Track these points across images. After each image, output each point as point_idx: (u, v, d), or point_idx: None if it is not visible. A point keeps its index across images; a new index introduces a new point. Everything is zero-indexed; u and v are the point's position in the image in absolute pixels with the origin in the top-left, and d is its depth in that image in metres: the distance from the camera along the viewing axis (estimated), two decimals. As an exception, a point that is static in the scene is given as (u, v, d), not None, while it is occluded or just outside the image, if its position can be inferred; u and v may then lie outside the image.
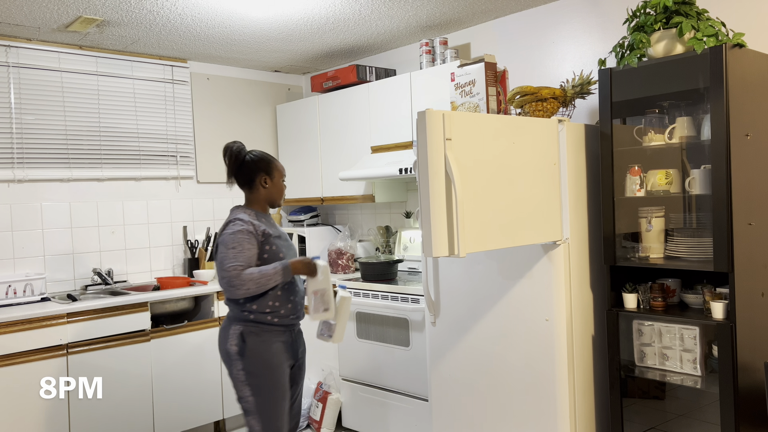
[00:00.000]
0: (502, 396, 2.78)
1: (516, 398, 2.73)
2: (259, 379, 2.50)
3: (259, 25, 3.64)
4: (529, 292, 2.66)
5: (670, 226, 2.65)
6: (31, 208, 3.77)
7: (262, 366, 2.50)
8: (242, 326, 2.52)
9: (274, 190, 2.66)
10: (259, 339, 2.52)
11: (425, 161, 2.13)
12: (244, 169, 2.62)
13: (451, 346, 2.97)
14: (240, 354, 2.50)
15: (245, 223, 2.50)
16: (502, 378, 2.77)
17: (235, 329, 2.52)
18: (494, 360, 2.80)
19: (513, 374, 2.73)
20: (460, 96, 3.03)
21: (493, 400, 2.81)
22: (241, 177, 2.64)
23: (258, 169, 2.62)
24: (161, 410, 3.62)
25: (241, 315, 2.53)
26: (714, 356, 2.44)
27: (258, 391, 2.49)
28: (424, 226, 2.15)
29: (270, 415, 2.51)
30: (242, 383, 2.50)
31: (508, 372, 2.75)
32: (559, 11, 3.43)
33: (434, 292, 3.01)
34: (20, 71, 3.73)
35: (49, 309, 3.28)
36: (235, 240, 2.44)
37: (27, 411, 3.15)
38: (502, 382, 2.78)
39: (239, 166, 2.62)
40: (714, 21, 2.43)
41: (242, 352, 2.49)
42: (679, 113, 2.58)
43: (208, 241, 4.34)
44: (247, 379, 2.49)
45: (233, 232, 2.46)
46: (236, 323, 2.54)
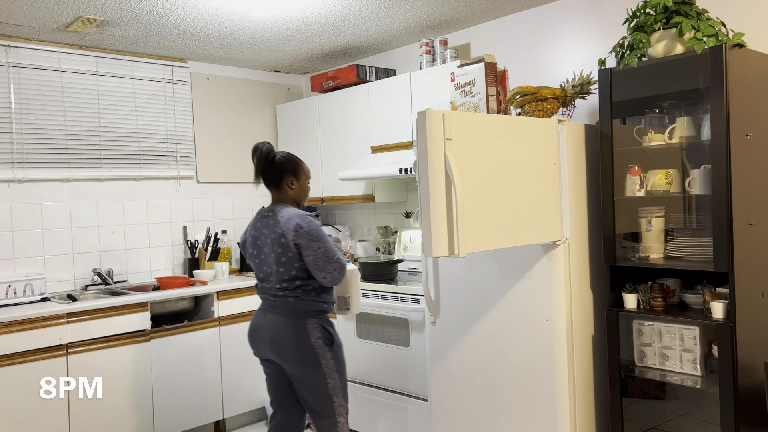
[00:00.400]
0: (502, 395, 2.78)
1: (516, 398, 2.73)
2: (341, 359, 2.73)
3: (259, 25, 3.64)
4: (529, 292, 2.66)
5: (670, 226, 2.65)
6: (31, 208, 3.77)
7: (340, 347, 2.74)
8: (319, 318, 2.66)
9: (300, 191, 2.75)
10: (333, 325, 2.72)
11: (425, 161, 2.13)
12: (272, 170, 2.70)
13: (451, 346, 2.97)
14: (328, 344, 2.65)
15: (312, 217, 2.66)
16: (502, 377, 2.77)
17: (314, 323, 2.64)
18: (494, 360, 2.80)
19: (513, 374, 2.73)
20: (460, 96, 3.03)
21: (493, 400, 2.81)
22: (268, 177, 2.71)
23: (285, 170, 2.70)
24: (161, 410, 3.62)
25: (316, 307, 2.65)
26: (714, 356, 2.44)
27: (342, 371, 2.73)
28: (424, 226, 2.15)
29: (346, 386, 2.77)
30: (332, 370, 2.66)
31: (508, 372, 2.75)
32: (559, 11, 3.43)
33: (434, 292, 3.01)
34: (20, 71, 3.73)
35: (49, 309, 3.28)
36: (324, 234, 2.61)
37: (27, 411, 3.15)
38: (502, 381, 2.78)
39: (268, 166, 2.69)
40: (714, 21, 2.43)
41: (329, 342, 2.66)
42: (679, 113, 2.58)
43: (208, 241, 4.34)
44: (336, 364, 2.68)
45: (318, 226, 2.62)
46: (311, 316, 2.64)
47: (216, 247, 4.35)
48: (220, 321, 3.89)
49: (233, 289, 3.94)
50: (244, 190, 4.73)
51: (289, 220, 2.60)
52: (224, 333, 3.90)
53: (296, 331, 2.61)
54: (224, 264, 4.22)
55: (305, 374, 2.64)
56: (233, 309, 3.94)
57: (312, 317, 2.63)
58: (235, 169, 4.66)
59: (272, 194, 2.76)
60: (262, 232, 2.69)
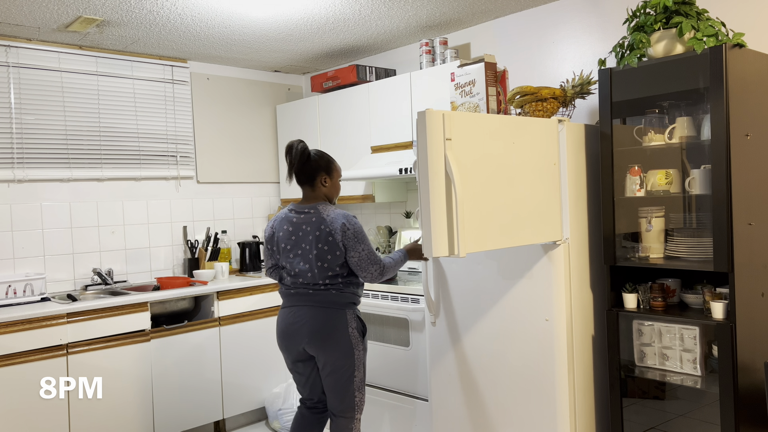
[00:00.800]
0: (502, 395, 2.78)
1: (516, 398, 2.73)
2: (366, 352, 2.79)
3: (259, 25, 3.64)
4: (529, 292, 2.66)
5: (670, 226, 2.65)
6: (31, 208, 3.77)
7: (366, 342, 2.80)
8: (353, 310, 2.75)
9: (332, 189, 2.81)
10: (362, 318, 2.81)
11: (425, 161, 2.13)
12: (306, 168, 2.73)
13: (452, 347, 2.97)
14: (362, 334, 2.75)
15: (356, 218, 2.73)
16: (503, 377, 2.77)
17: (350, 313, 2.72)
18: (494, 359, 2.80)
19: (513, 374, 2.73)
20: (460, 96, 3.03)
21: (493, 400, 2.82)
22: (303, 175, 2.75)
23: (319, 167, 2.75)
24: (161, 410, 3.62)
25: (352, 299, 2.75)
26: (714, 356, 2.44)
27: (365, 367, 2.78)
28: (424, 226, 2.15)
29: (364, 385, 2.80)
30: (361, 362, 2.73)
31: (509, 371, 2.75)
32: (559, 11, 3.43)
33: (434, 292, 3.01)
34: (20, 71, 3.73)
35: (49, 309, 3.28)
36: (364, 236, 2.69)
37: (27, 411, 3.15)
38: (502, 381, 2.78)
39: (302, 164, 2.72)
40: (714, 21, 2.43)
41: (363, 332, 2.75)
42: (679, 113, 2.58)
43: (208, 241, 4.34)
44: (364, 358, 2.75)
45: (361, 227, 2.70)
46: (346, 308, 2.72)
47: (216, 247, 4.35)
48: (220, 321, 3.89)
49: (233, 289, 3.94)
50: (244, 190, 4.73)
51: (335, 219, 2.66)
52: (224, 333, 3.90)
53: (337, 320, 2.69)
54: (224, 264, 4.22)
55: (339, 364, 2.69)
56: (233, 309, 3.94)
57: (348, 308, 2.73)
58: (235, 169, 4.66)
59: (305, 192, 2.80)
60: (301, 227, 2.72)
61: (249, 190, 4.76)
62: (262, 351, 4.05)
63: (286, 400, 3.91)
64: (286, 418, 3.87)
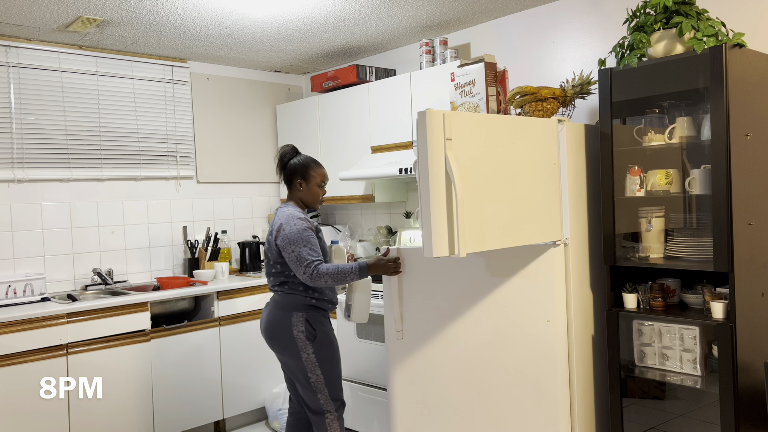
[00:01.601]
0: (501, 395, 2.78)
1: (515, 398, 2.73)
2: (327, 356, 2.80)
3: (259, 25, 3.64)
4: (528, 294, 2.65)
5: (670, 226, 2.65)
6: (31, 208, 3.77)
7: (329, 345, 2.82)
8: (305, 313, 2.77)
9: (307, 194, 2.90)
10: (322, 323, 2.82)
11: (425, 161, 2.13)
12: (286, 171, 2.93)
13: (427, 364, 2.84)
14: (309, 339, 2.75)
15: (304, 220, 2.76)
16: (501, 377, 2.77)
17: (299, 316, 2.75)
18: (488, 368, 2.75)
19: (509, 379, 2.71)
20: (460, 96, 3.04)
21: (492, 400, 2.81)
22: (284, 177, 2.95)
23: (295, 172, 2.90)
24: (161, 410, 3.62)
25: (303, 302, 2.78)
26: (714, 356, 2.44)
27: (327, 368, 2.79)
28: (424, 226, 2.15)
29: (336, 384, 2.84)
30: (313, 364, 2.76)
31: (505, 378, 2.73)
32: (559, 11, 3.43)
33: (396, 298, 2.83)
34: (20, 71, 3.73)
35: (49, 309, 3.28)
36: (305, 236, 2.70)
37: (27, 411, 3.15)
38: (501, 381, 2.77)
39: (283, 167, 2.94)
40: (714, 21, 2.43)
41: (311, 336, 2.75)
42: (679, 113, 2.58)
43: (208, 241, 4.34)
44: (318, 360, 2.76)
45: (300, 229, 2.71)
46: (298, 311, 2.76)
47: (216, 247, 4.35)
48: (220, 321, 3.89)
49: (233, 289, 3.95)
50: (244, 190, 4.73)
51: (278, 220, 2.79)
52: (224, 333, 3.90)
53: (281, 323, 2.78)
54: (224, 264, 4.22)
55: (290, 365, 2.83)
56: (233, 309, 3.94)
57: (299, 311, 2.76)
58: (235, 169, 4.66)
59: (287, 193, 2.97)
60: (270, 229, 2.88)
61: (249, 190, 4.76)
62: (262, 351, 4.01)
63: (286, 400, 3.91)
64: (285, 418, 3.87)
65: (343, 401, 2.88)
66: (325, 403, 2.80)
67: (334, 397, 2.82)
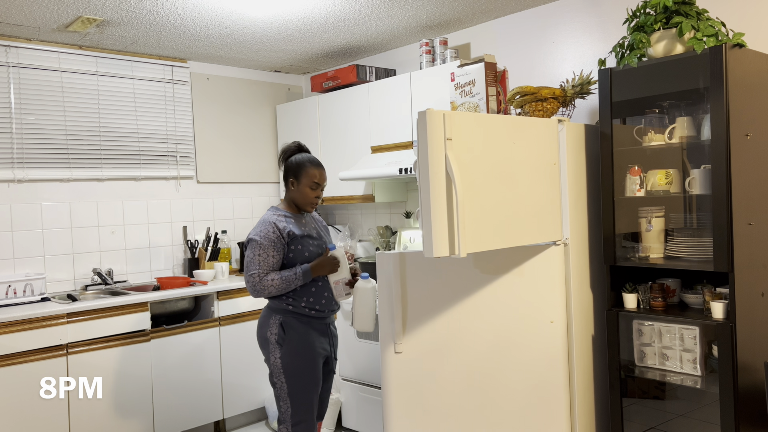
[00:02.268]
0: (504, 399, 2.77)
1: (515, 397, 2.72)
2: (295, 367, 2.68)
3: (259, 25, 3.64)
4: (531, 294, 2.65)
5: (670, 226, 2.65)
6: (31, 208, 3.77)
7: (298, 356, 2.69)
8: (282, 316, 2.70)
9: (297, 194, 2.80)
10: (297, 330, 2.70)
11: (426, 161, 2.13)
12: (283, 169, 2.87)
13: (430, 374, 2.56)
14: (278, 343, 2.68)
15: (270, 228, 2.67)
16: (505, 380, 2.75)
17: (276, 319, 2.70)
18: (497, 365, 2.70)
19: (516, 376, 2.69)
20: (460, 96, 3.04)
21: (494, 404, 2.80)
22: (283, 175, 2.88)
23: (289, 171, 2.82)
24: (161, 410, 3.62)
25: (281, 306, 2.70)
26: (714, 356, 2.44)
27: (292, 379, 2.68)
28: (424, 226, 2.15)
29: (301, 401, 2.69)
30: (278, 370, 2.69)
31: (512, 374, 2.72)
32: (559, 11, 3.43)
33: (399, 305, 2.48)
34: (20, 71, 3.73)
35: (49, 309, 3.28)
36: (261, 246, 2.65)
37: (27, 411, 3.15)
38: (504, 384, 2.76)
39: (281, 165, 2.88)
40: (714, 21, 2.43)
41: (281, 341, 2.68)
42: (679, 113, 2.58)
43: (208, 241, 4.34)
44: (283, 367, 2.68)
45: (260, 237, 2.66)
46: (276, 313, 2.71)
47: (216, 247, 4.35)
48: (220, 321, 3.89)
49: (233, 289, 3.94)
50: (244, 190, 4.73)
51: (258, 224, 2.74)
52: (224, 333, 3.90)
53: (262, 323, 2.76)
54: (224, 264, 4.22)
55: (266, 362, 2.76)
56: (233, 309, 3.94)
57: (277, 314, 2.72)
58: (235, 169, 4.66)
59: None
60: None
61: (249, 190, 4.76)
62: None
63: (286, 400, 3.91)
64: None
65: (307, 424, 2.70)
66: (284, 414, 2.70)
67: (294, 415, 2.67)
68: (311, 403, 2.72)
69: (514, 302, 2.64)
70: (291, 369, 2.68)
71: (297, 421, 2.69)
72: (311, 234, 2.80)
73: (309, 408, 2.71)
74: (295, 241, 2.70)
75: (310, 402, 2.72)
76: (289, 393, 2.68)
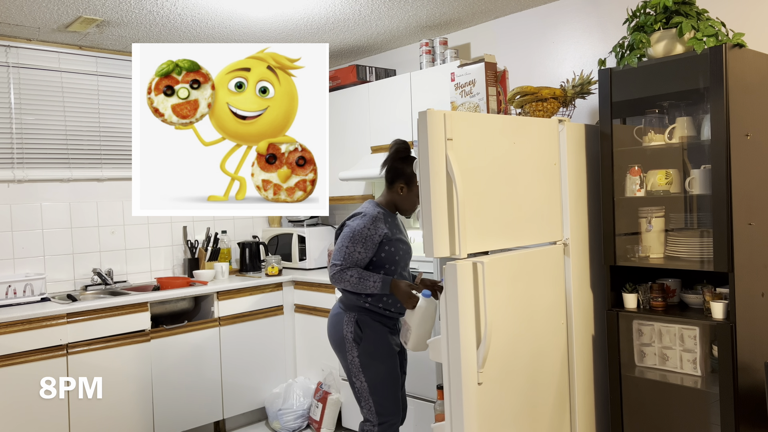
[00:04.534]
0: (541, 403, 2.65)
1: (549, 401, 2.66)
2: (374, 365, 2.64)
3: (260, 25, 3.64)
4: (537, 295, 2.63)
5: (670, 226, 2.66)
6: (31, 208, 3.77)
7: (377, 353, 2.64)
8: (357, 314, 2.66)
9: (405, 200, 2.70)
10: (373, 327, 2.66)
11: (426, 161, 2.13)
12: (391, 169, 2.72)
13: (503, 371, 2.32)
14: (356, 341, 2.64)
15: (368, 224, 2.61)
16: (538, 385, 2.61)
17: (351, 316, 2.66)
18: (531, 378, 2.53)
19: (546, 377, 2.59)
20: (460, 96, 3.04)
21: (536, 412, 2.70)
22: (387, 174, 2.74)
23: (402, 175, 2.69)
24: (161, 410, 3.62)
25: (357, 303, 2.67)
26: (714, 356, 2.44)
27: (372, 377, 2.63)
28: (425, 226, 2.15)
29: (384, 398, 2.64)
30: (357, 369, 2.65)
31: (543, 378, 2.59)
32: (559, 11, 3.43)
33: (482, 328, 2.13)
34: (20, 71, 3.73)
35: (49, 309, 3.27)
36: (353, 238, 2.60)
37: (27, 411, 3.15)
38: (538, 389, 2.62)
39: (390, 163, 2.72)
40: (714, 21, 2.44)
41: (358, 339, 2.64)
42: (679, 113, 2.58)
43: (207, 241, 4.34)
44: (362, 365, 2.64)
45: (355, 229, 2.60)
46: (351, 311, 2.67)
47: (216, 247, 4.35)
48: (220, 321, 3.89)
49: (233, 290, 3.94)
50: (244, 190, 4.73)
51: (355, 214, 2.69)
52: (224, 333, 3.90)
53: (336, 321, 2.71)
54: (224, 264, 4.22)
55: (342, 363, 2.73)
56: (233, 309, 3.93)
57: (352, 311, 2.67)
58: (235, 169, 4.65)
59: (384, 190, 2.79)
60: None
61: (249, 190, 4.76)
62: (262, 351, 4.05)
63: (286, 400, 3.91)
64: (286, 418, 3.87)
65: (391, 423, 2.66)
66: (368, 413, 2.66)
67: (379, 411, 2.63)
68: (395, 400, 2.68)
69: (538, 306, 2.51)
70: (370, 366, 2.63)
71: (382, 420, 2.65)
72: (403, 238, 2.75)
73: (393, 406, 2.66)
74: (389, 243, 2.65)
75: (394, 399, 2.67)
76: (371, 392, 2.64)
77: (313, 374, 4.09)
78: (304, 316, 4.15)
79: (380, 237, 2.62)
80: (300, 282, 4.16)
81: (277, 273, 4.22)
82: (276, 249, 4.58)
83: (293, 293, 4.21)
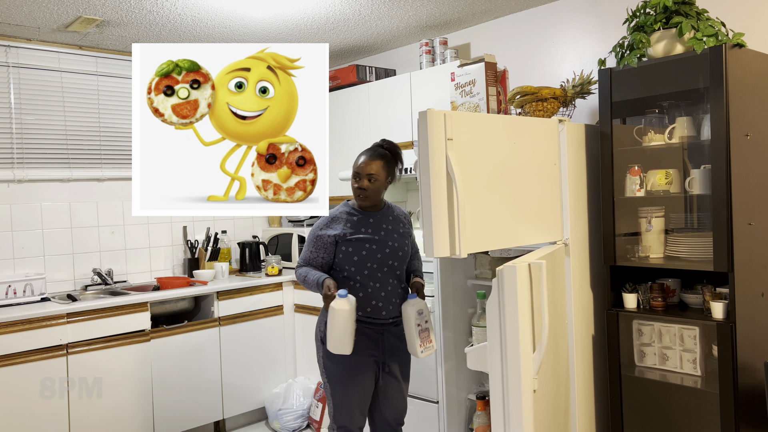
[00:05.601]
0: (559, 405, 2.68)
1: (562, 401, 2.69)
2: (335, 368, 2.59)
3: (259, 25, 3.64)
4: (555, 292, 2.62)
5: (670, 226, 2.66)
6: (31, 208, 3.77)
7: (340, 357, 2.55)
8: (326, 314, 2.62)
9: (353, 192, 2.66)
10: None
11: (426, 161, 2.13)
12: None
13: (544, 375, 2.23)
14: (323, 341, 2.61)
15: (321, 224, 2.65)
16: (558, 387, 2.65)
17: (324, 317, 2.62)
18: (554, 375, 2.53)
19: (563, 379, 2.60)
20: (461, 96, 3.04)
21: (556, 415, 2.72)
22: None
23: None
24: (161, 410, 3.62)
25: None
26: (714, 356, 2.44)
27: (332, 379, 2.61)
28: (425, 226, 2.15)
29: (340, 404, 2.59)
30: (322, 369, 2.65)
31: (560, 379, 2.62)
32: (559, 11, 3.43)
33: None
34: (20, 71, 3.73)
35: (49, 309, 3.27)
36: (307, 239, 2.68)
37: (27, 411, 3.15)
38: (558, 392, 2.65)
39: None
40: (714, 21, 2.44)
41: (325, 339, 2.56)
42: (679, 113, 2.58)
43: (207, 241, 4.34)
44: (325, 366, 2.63)
45: (311, 230, 2.68)
46: (326, 310, 2.58)
47: (216, 247, 4.35)
48: (220, 321, 3.89)
49: (233, 289, 3.94)
50: (244, 190, 4.73)
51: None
52: (224, 333, 3.90)
53: (318, 320, 2.71)
54: (224, 264, 4.22)
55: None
56: (233, 309, 3.94)
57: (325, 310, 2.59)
58: (234, 169, 4.66)
59: None
60: None
61: (249, 190, 4.76)
62: (262, 351, 4.05)
63: (286, 400, 3.91)
64: (286, 418, 3.87)
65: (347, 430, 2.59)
66: (330, 416, 2.66)
67: (335, 415, 2.61)
68: (351, 409, 2.57)
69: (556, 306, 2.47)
70: (332, 370, 2.59)
71: (338, 426, 2.60)
72: (369, 236, 2.58)
73: (349, 414, 2.57)
74: (345, 243, 2.57)
75: (351, 408, 2.57)
76: (331, 394, 2.61)
77: (313, 374, 4.08)
78: (304, 316, 4.15)
79: (331, 238, 2.58)
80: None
81: (277, 273, 4.22)
82: (276, 249, 4.58)
83: (293, 293, 4.22)
